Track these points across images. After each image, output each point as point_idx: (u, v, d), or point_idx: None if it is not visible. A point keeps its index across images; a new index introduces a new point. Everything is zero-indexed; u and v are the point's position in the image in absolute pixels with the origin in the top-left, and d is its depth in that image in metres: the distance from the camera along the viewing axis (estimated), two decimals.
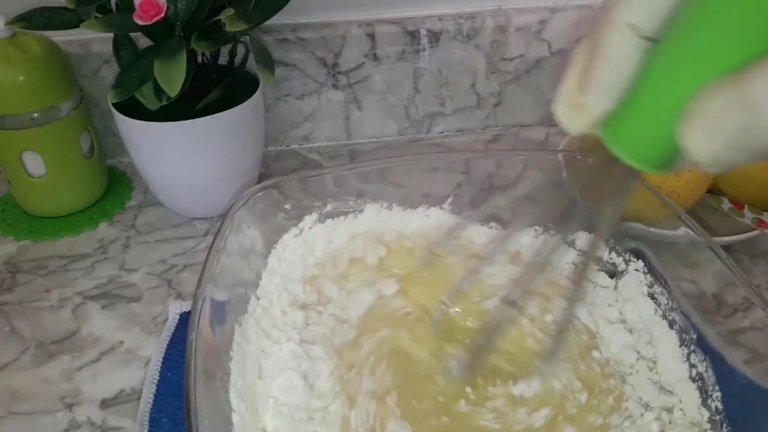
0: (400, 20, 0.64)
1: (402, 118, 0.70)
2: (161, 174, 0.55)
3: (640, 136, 0.22)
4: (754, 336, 0.37)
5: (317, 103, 0.67)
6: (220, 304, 0.38)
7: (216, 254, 0.39)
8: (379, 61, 0.65)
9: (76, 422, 0.41)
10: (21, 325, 0.48)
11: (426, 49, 0.65)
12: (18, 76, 0.51)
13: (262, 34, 0.61)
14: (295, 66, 0.64)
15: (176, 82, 0.45)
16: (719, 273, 0.39)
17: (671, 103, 0.20)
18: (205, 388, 0.32)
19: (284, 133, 0.68)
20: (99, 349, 0.46)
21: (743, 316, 0.37)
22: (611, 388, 0.39)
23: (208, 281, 0.37)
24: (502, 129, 0.72)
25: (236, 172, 0.56)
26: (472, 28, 0.64)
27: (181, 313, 0.48)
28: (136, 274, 0.52)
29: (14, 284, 0.52)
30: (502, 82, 0.68)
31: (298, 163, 0.67)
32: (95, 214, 0.59)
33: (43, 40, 0.53)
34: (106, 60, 0.61)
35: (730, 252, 0.42)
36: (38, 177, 0.56)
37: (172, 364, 0.44)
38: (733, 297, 0.38)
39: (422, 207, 0.50)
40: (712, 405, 0.38)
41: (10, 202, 0.60)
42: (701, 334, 0.41)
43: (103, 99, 0.60)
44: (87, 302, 0.50)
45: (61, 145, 0.55)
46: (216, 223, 0.58)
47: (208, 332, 0.35)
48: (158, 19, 0.44)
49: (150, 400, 0.41)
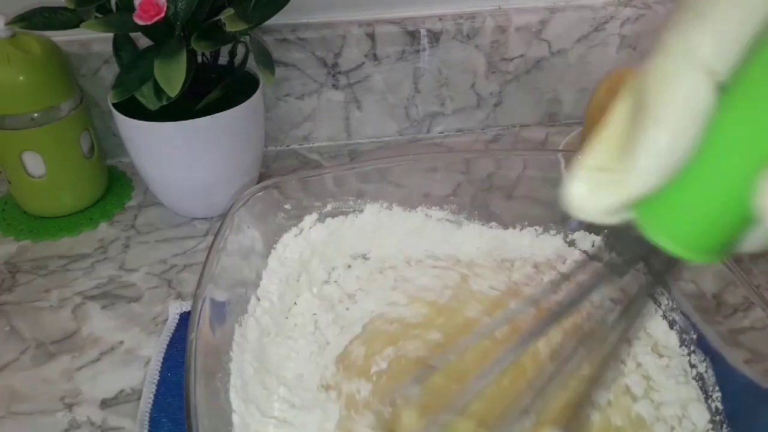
0: (400, 20, 0.64)
1: (402, 118, 0.70)
2: (161, 174, 0.55)
3: (698, 215, 0.18)
4: (754, 336, 0.37)
5: (317, 103, 0.67)
6: (220, 304, 0.38)
7: (216, 254, 0.39)
8: (379, 61, 0.65)
9: (76, 422, 0.41)
10: (21, 325, 0.48)
11: (426, 49, 0.65)
12: (18, 76, 0.51)
13: (262, 34, 0.61)
14: (295, 66, 0.64)
15: (176, 82, 0.45)
16: (719, 273, 0.39)
17: (745, 170, 0.16)
18: (205, 388, 0.32)
19: (284, 133, 0.68)
20: (99, 349, 0.46)
21: (743, 316, 0.37)
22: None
23: (208, 281, 0.37)
24: (502, 129, 0.72)
25: (236, 172, 0.56)
26: (472, 28, 0.64)
27: (181, 313, 0.48)
28: (136, 274, 0.52)
29: (14, 284, 0.52)
30: (502, 82, 0.68)
31: (298, 163, 0.67)
32: (95, 214, 0.59)
33: (43, 40, 0.53)
34: (106, 60, 0.61)
35: None
36: (38, 177, 0.56)
37: (172, 364, 0.44)
38: (733, 297, 0.38)
39: (422, 207, 0.50)
40: (712, 405, 0.38)
41: (10, 202, 0.60)
42: (701, 334, 0.41)
43: (103, 99, 0.60)
44: (87, 302, 0.50)
45: (61, 145, 0.55)
46: (216, 223, 0.58)
47: (208, 332, 0.35)
48: (158, 19, 0.44)
49: (150, 400, 0.41)
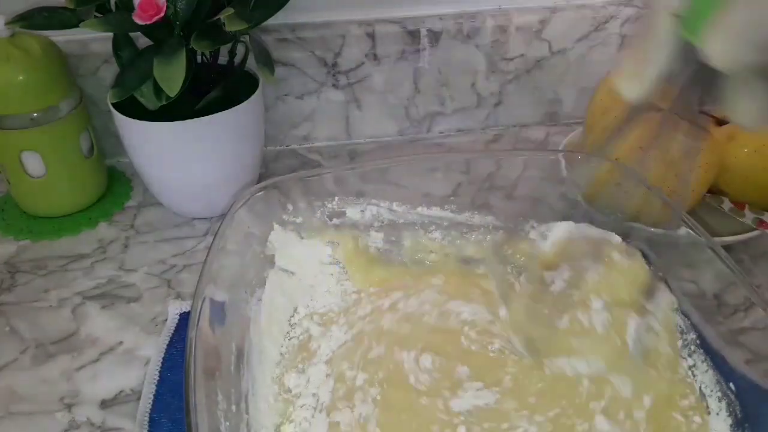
0: (400, 20, 0.64)
1: (402, 118, 0.69)
2: (161, 174, 0.55)
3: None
4: (754, 336, 0.37)
5: (317, 102, 0.67)
6: (219, 304, 0.38)
7: (216, 254, 0.39)
8: (379, 60, 0.65)
9: (76, 422, 0.41)
10: (20, 325, 0.48)
11: (426, 48, 0.65)
12: (18, 75, 0.51)
13: (262, 33, 0.61)
14: (295, 66, 0.64)
15: (176, 82, 0.45)
16: (720, 273, 0.39)
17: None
18: (205, 388, 0.32)
19: (284, 133, 0.68)
20: (98, 350, 0.46)
21: (744, 316, 0.37)
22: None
23: (207, 281, 0.37)
24: (502, 129, 0.72)
25: (236, 172, 0.56)
26: (473, 27, 0.64)
27: (180, 313, 0.47)
28: (136, 274, 0.52)
29: (14, 284, 0.52)
30: (502, 82, 0.68)
31: (298, 163, 0.67)
32: (95, 214, 0.59)
33: (42, 39, 0.53)
34: (105, 60, 0.60)
35: (731, 252, 0.42)
36: (38, 177, 0.56)
37: (171, 364, 0.44)
38: (733, 297, 0.38)
39: (422, 207, 0.50)
40: (713, 405, 0.38)
41: (10, 202, 0.60)
42: (702, 334, 0.41)
43: (102, 99, 0.60)
44: (86, 302, 0.50)
45: (61, 145, 0.55)
46: (216, 223, 0.57)
47: (208, 332, 0.35)
48: (158, 19, 0.44)
49: (150, 400, 0.41)
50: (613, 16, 0.66)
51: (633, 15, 0.66)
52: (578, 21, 0.66)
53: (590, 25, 0.66)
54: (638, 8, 0.65)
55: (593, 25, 0.66)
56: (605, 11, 0.65)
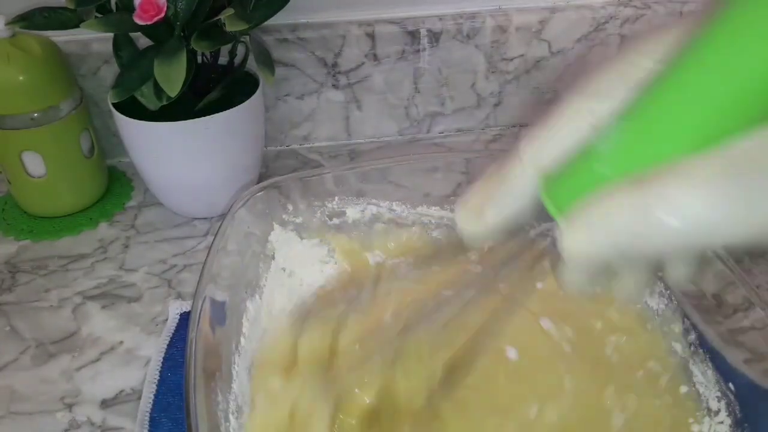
0: (400, 20, 0.64)
1: (402, 118, 0.70)
2: (161, 174, 0.55)
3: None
4: (754, 336, 0.37)
5: (317, 103, 0.67)
6: (220, 304, 0.38)
7: (216, 254, 0.39)
8: (379, 61, 0.65)
9: (76, 422, 0.41)
10: (21, 325, 0.48)
11: (426, 49, 0.65)
12: (18, 76, 0.51)
13: (262, 33, 0.61)
14: (295, 66, 0.64)
15: (176, 82, 0.45)
16: (719, 273, 0.39)
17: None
18: (205, 388, 0.32)
19: (284, 133, 0.68)
20: (99, 349, 0.46)
21: (743, 316, 0.37)
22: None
23: (208, 281, 0.37)
24: (502, 129, 0.72)
25: (236, 172, 0.56)
26: (472, 28, 0.64)
27: (181, 313, 0.48)
28: (136, 274, 0.52)
29: (14, 284, 0.52)
30: (502, 82, 0.68)
31: (298, 163, 0.67)
32: (95, 214, 0.59)
33: (43, 40, 0.53)
34: (106, 60, 0.60)
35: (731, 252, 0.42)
36: (38, 177, 0.56)
37: (172, 364, 0.44)
38: (733, 297, 0.38)
39: (422, 207, 0.50)
40: (712, 405, 0.38)
41: (10, 202, 0.60)
42: (701, 334, 0.41)
43: (102, 99, 0.60)
44: (87, 302, 0.50)
45: (61, 145, 0.55)
46: (216, 223, 0.58)
47: (208, 332, 0.35)
48: (158, 19, 0.44)
49: (150, 400, 0.41)
50: (612, 16, 0.66)
51: (633, 15, 0.66)
52: (578, 21, 0.66)
53: (590, 26, 0.66)
54: (638, 8, 0.66)
55: (593, 26, 0.66)
56: (605, 11, 0.65)
